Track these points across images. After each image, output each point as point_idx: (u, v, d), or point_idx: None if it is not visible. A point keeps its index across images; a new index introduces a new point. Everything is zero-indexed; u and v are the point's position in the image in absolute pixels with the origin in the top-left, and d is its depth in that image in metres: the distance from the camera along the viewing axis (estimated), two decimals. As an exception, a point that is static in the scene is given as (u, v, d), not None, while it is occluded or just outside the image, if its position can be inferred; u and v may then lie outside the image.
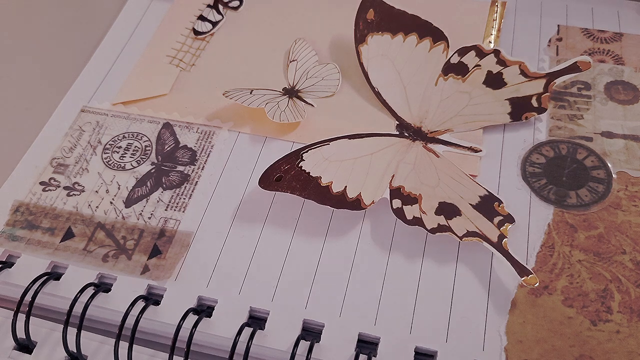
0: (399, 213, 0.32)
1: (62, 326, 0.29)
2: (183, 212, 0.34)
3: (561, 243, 0.31)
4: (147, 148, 0.36)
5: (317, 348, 0.29)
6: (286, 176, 0.33)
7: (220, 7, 0.44)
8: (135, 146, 0.37)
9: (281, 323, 0.30)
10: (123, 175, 0.35)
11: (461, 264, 0.31)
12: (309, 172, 0.33)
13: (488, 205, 0.32)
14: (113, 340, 0.29)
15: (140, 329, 0.29)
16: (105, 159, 0.36)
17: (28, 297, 0.30)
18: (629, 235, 0.31)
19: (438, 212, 0.32)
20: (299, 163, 0.34)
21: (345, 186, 0.33)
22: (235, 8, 0.44)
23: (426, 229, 0.31)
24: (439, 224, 0.31)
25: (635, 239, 0.31)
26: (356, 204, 0.32)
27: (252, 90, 0.38)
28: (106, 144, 0.37)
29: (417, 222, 0.32)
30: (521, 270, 0.30)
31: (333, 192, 0.33)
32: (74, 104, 0.39)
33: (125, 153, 0.36)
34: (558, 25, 0.40)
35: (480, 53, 0.37)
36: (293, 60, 0.40)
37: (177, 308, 0.30)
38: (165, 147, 0.36)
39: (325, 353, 0.29)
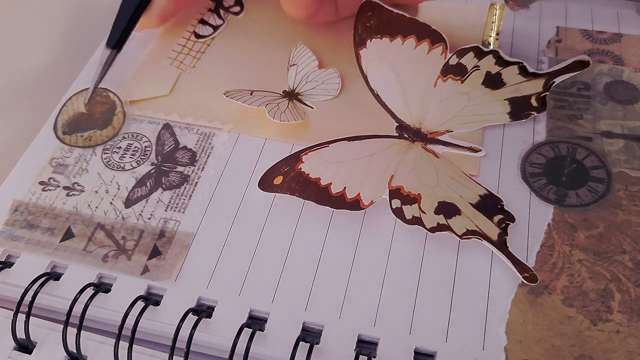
0: (398, 213, 0.32)
1: (62, 326, 0.29)
2: (183, 212, 0.34)
3: (561, 243, 0.31)
4: (147, 148, 0.37)
5: (317, 349, 0.29)
6: (286, 178, 0.33)
7: (222, 11, 0.44)
8: (135, 146, 0.37)
9: (281, 324, 0.30)
10: (123, 176, 0.35)
11: (461, 264, 0.31)
12: (309, 174, 0.33)
13: (488, 204, 0.32)
14: (113, 341, 0.29)
15: (140, 330, 0.29)
16: (104, 159, 0.36)
17: (28, 298, 0.30)
18: (629, 235, 0.31)
19: (437, 211, 0.32)
20: (298, 165, 0.34)
21: (345, 187, 0.33)
22: (237, 13, 0.44)
23: (426, 228, 0.31)
24: (438, 223, 0.31)
25: (635, 238, 0.31)
26: (355, 204, 0.32)
27: (253, 92, 0.38)
28: (106, 144, 0.37)
29: (417, 221, 0.32)
30: (521, 268, 0.30)
31: (332, 193, 0.33)
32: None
33: (125, 153, 0.36)
34: (557, 27, 0.41)
35: (479, 54, 0.37)
36: (293, 65, 0.40)
37: (176, 309, 0.30)
38: (165, 148, 0.37)
39: (325, 354, 0.28)
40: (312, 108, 0.38)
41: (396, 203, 0.32)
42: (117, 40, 0.38)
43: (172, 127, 0.37)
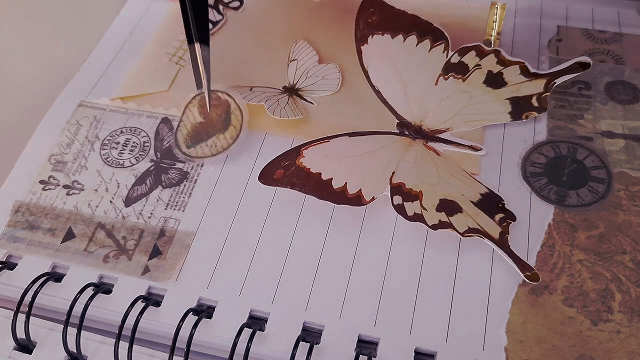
0: (400, 209, 0.32)
1: (62, 326, 0.29)
2: (183, 211, 0.33)
3: (561, 243, 0.31)
4: (146, 144, 0.36)
5: (317, 349, 0.29)
6: (286, 172, 0.33)
7: (221, 7, 0.44)
8: (134, 142, 0.36)
9: (281, 324, 0.30)
10: (122, 173, 0.35)
11: (461, 264, 0.31)
12: (309, 168, 0.33)
13: (489, 202, 0.32)
14: (113, 341, 0.29)
15: (140, 330, 0.29)
16: (103, 155, 0.36)
17: (28, 298, 0.30)
18: (629, 235, 0.31)
19: (439, 208, 0.32)
20: (299, 159, 0.34)
21: (346, 182, 0.33)
22: (236, 8, 0.44)
23: (427, 225, 0.31)
24: (440, 220, 0.31)
25: (635, 238, 0.31)
26: (357, 200, 0.32)
27: (252, 88, 0.38)
28: (104, 139, 0.37)
29: (418, 218, 0.32)
30: (523, 266, 0.30)
31: (334, 188, 0.33)
32: (72, 98, 0.39)
33: (124, 149, 0.36)
34: (558, 26, 0.40)
35: (481, 53, 0.37)
36: (293, 60, 0.40)
37: (177, 309, 0.30)
38: (164, 143, 0.36)
39: (325, 354, 0.28)
40: (313, 104, 0.38)
41: (398, 199, 0.32)
42: (206, 33, 0.35)
43: (171, 122, 0.37)
